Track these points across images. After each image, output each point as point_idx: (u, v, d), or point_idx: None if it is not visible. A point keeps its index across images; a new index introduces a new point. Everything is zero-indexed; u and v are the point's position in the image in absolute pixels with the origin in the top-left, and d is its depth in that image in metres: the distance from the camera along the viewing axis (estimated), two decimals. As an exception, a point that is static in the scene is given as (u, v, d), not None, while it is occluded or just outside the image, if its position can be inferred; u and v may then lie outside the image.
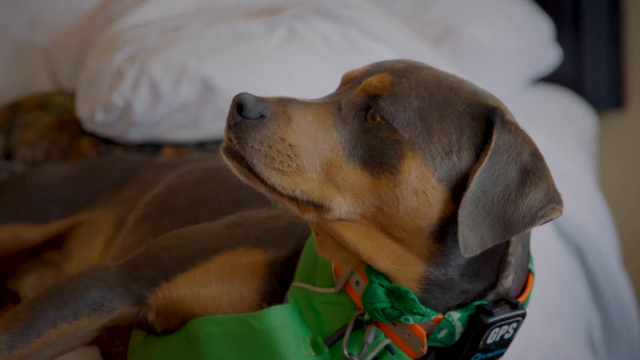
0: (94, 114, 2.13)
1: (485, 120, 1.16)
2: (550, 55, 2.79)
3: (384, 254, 1.17)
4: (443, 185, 1.14)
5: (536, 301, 1.92)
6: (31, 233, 1.56)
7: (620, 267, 2.46)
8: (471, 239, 1.09)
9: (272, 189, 1.18)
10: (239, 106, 1.20)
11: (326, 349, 1.22)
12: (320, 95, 2.01)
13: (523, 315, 1.19)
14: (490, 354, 1.20)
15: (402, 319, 1.16)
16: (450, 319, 1.17)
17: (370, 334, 1.18)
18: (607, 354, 2.42)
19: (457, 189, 1.15)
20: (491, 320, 1.16)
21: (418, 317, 1.16)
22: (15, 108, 2.35)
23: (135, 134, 2.14)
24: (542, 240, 2.19)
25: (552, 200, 1.14)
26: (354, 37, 2.16)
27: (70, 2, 2.77)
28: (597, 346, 2.36)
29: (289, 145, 1.17)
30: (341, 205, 1.17)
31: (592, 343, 2.32)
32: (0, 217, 1.72)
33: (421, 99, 1.18)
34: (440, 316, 1.17)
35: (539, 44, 2.75)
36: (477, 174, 1.11)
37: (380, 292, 1.16)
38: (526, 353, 1.86)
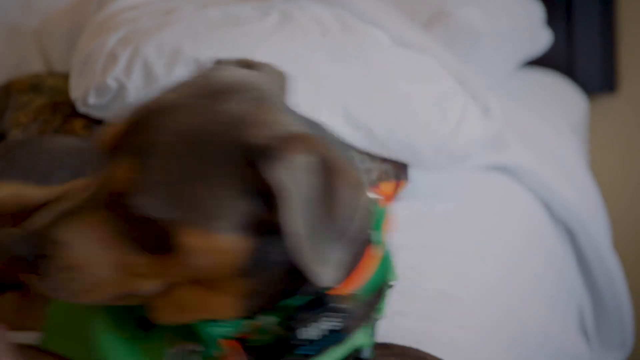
0: (87, 95, 2.14)
1: (248, 158, 1.09)
2: (541, 39, 2.80)
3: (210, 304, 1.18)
4: (233, 235, 1.10)
5: (526, 284, 1.95)
6: (33, 192, 1.53)
7: (612, 249, 2.47)
8: (327, 271, 1.06)
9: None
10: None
11: None
12: (314, 79, 2.04)
13: (334, 310, 1.16)
14: (321, 344, 1.18)
15: None
16: (267, 322, 1.17)
17: None
18: (597, 335, 2.43)
19: (260, 224, 1.10)
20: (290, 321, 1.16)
21: None
22: (8, 89, 2.36)
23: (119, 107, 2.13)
24: (534, 222, 2.25)
25: (357, 187, 1.12)
26: (348, 21, 2.16)
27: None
28: (588, 327, 2.37)
29: (76, 269, 1.15)
30: (151, 286, 1.16)
31: (583, 324, 2.34)
32: (7, 174, 1.71)
33: (167, 169, 1.11)
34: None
35: (530, 27, 2.75)
36: (291, 216, 1.05)
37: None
38: (517, 335, 1.89)
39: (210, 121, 1.11)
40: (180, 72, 2.07)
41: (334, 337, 1.17)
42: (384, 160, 2.14)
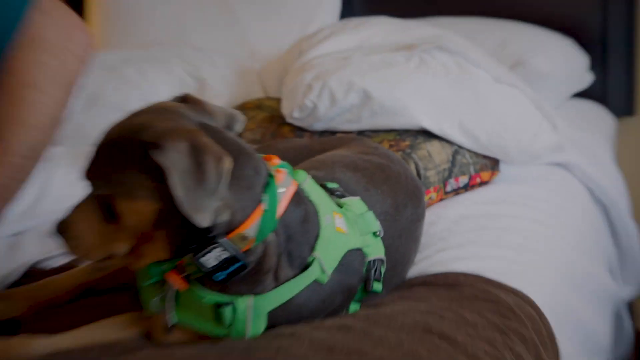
0: (292, 112, 2.14)
1: (144, 150, 1.11)
2: (586, 79, 2.74)
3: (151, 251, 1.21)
4: (143, 201, 1.14)
5: (576, 240, 1.91)
6: None
7: (631, 218, 2.44)
8: (201, 216, 1.08)
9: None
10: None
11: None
12: (439, 103, 2.05)
13: (217, 242, 1.15)
14: (229, 270, 1.17)
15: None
16: (186, 260, 1.18)
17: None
18: (620, 275, 2.38)
19: (159, 192, 1.13)
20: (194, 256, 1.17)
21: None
22: (242, 108, 2.36)
23: (318, 125, 2.14)
24: (581, 201, 2.21)
25: (219, 158, 1.10)
26: (463, 65, 2.13)
27: (275, 43, 2.78)
28: (613, 269, 2.32)
29: (77, 239, 1.20)
30: (120, 248, 1.20)
31: (611, 267, 2.29)
32: None
33: (101, 163, 1.17)
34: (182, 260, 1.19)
35: (579, 71, 2.69)
36: (173, 184, 1.08)
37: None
38: (571, 273, 1.84)
39: (124, 129, 1.16)
40: (353, 98, 2.07)
41: (232, 262, 1.16)
42: (485, 157, 2.11)
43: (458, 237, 1.75)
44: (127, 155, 1.14)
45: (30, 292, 1.48)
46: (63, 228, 1.20)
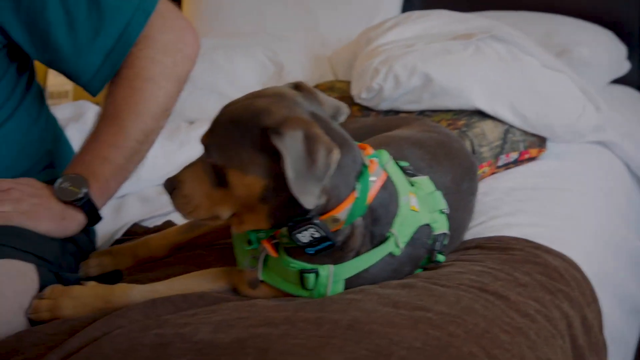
0: (361, 93, 2.12)
1: (264, 133, 1.10)
2: (624, 67, 2.66)
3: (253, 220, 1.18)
4: (254, 176, 1.12)
5: (614, 210, 1.88)
6: None
7: None
8: (307, 198, 1.06)
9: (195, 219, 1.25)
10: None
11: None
12: (493, 87, 2.01)
13: (313, 223, 1.14)
14: (319, 247, 1.16)
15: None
16: (282, 232, 1.16)
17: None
18: None
19: (270, 171, 1.12)
20: (290, 230, 1.15)
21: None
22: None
23: (384, 105, 2.12)
24: (619, 175, 2.17)
25: (330, 150, 1.08)
26: (515, 52, 2.10)
27: (344, 32, 2.75)
28: None
29: (186, 196, 1.18)
30: (224, 212, 1.17)
31: None
32: None
33: (222, 135, 1.15)
34: (277, 231, 1.18)
35: (618, 60, 2.62)
36: (286, 167, 1.06)
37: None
38: (609, 237, 1.81)
39: (246, 111, 1.14)
40: (415, 80, 2.05)
41: (323, 241, 1.15)
42: (533, 135, 2.07)
43: (508, 206, 1.71)
44: (247, 135, 1.12)
45: (131, 249, 1.51)
46: (173, 185, 1.19)
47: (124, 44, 1.41)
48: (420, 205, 1.27)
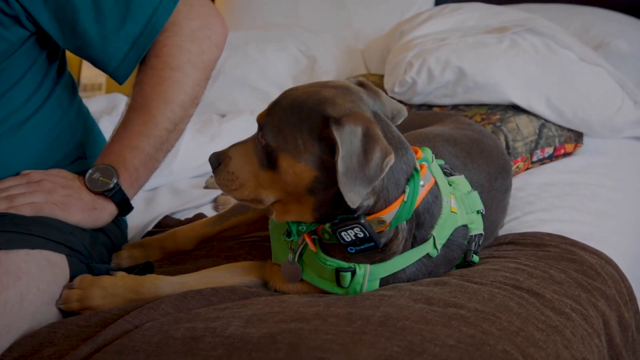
0: (394, 87, 2.12)
1: (325, 122, 1.09)
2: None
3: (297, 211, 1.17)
4: (306, 165, 1.10)
5: None
6: None
7: None
8: (352, 197, 1.05)
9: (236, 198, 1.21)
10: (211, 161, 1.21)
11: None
12: (528, 80, 1.98)
13: (359, 223, 1.12)
14: (361, 247, 1.14)
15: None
16: (325, 227, 1.14)
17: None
18: None
19: (322, 163, 1.11)
20: (334, 227, 1.14)
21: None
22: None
23: (417, 99, 2.11)
24: None
25: (386, 154, 1.07)
26: (551, 46, 2.08)
27: (376, 25, 2.74)
28: None
29: (232, 173, 1.17)
30: (268, 195, 1.15)
31: None
32: None
33: (280, 117, 1.13)
34: (320, 226, 1.16)
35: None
36: (339, 159, 1.04)
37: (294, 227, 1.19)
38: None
39: (310, 97, 1.12)
40: (449, 74, 2.04)
41: (366, 241, 1.14)
42: (569, 130, 2.05)
43: (543, 202, 1.70)
44: (307, 121, 1.11)
45: (159, 241, 1.52)
46: (219, 160, 1.19)
47: (151, 31, 1.40)
48: (458, 207, 1.26)
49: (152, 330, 1.06)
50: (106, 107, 2.25)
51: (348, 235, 1.13)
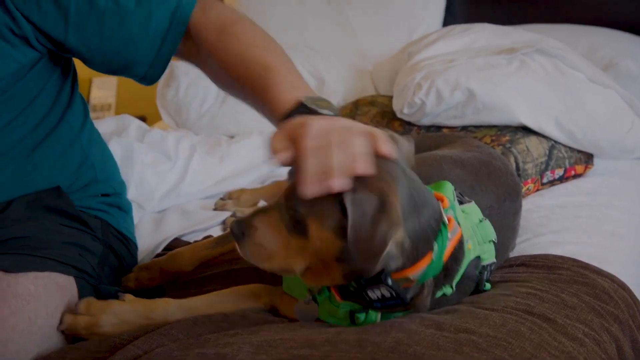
0: (402, 108, 2.12)
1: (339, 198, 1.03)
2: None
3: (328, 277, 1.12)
4: (332, 233, 1.05)
5: None
6: None
7: None
8: (366, 269, 1.03)
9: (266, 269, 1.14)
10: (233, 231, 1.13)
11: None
12: (538, 101, 1.97)
13: (386, 284, 1.08)
14: (387, 303, 1.11)
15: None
16: (351, 284, 1.11)
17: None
18: None
19: (341, 232, 1.04)
20: (360, 286, 1.10)
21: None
22: (356, 104, 2.35)
23: (425, 121, 2.11)
24: None
25: (392, 226, 1.02)
26: (560, 67, 2.08)
27: (384, 46, 2.74)
28: None
29: (260, 244, 1.10)
30: (299, 265, 1.10)
31: None
32: None
33: None
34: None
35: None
36: (348, 227, 1.00)
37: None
38: None
39: None
40: (458, 96, 2.04)
41: (391, 300, 1.10)
42: (579, 151, 2.05)
43: (554, 224, 1.69)
44: (328, 198, 1.05)
45: (159, 263, 1.51)
46: (243, 230, 1.12)
47: (178, 23, 1.34)
48: (471, 239, 1.24)
49: (161, 356, 1.06)
50: (116, 129, 2.25)
51: (374, 294, 1.10)
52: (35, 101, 1.39)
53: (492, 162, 1.52)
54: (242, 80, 1.24)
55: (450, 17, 2.85)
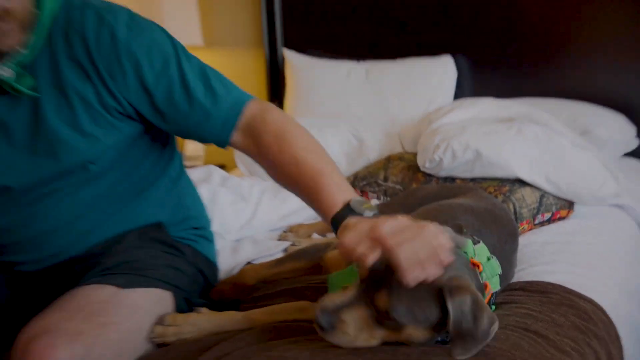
0: (425, 163, 2.09)
1: (439, 294, 0.98)
2: (634, 143, 2.55)
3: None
4: (425, 329, 1.00)
5: (630, 260, 1.81)
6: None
7: None
8: (463, 355, 0.96)
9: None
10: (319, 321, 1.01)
11: None
12: (531, 161, 1.92)
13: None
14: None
15: None
16: None
17: None
18: None
19: (434, 326, 1.00)
20: None
21: None
22: (388, 159, 2.33)
23: (442, 173, 2.09)
24: (630, 229, 2.05)
25: (493, 321, 0.98)
26: (549, 133, 2.05)
27: (409, 115, 2.71)
28: None
29: (349, 334, 1.00)
30: (378, 342, 1.04)
31: None
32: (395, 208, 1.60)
33: (406, 296, 0.98)
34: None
35: (628, 138, 2.51)
36: (450, 324, 0.95)
37: None
38: (624, 286, 1.69)
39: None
40: (468, 155, 2.01)
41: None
42: (564, 199, 2.01)
43: (545, 257, 1.65)
44: (425, 295, 0.99)
45: (234, 278, 1.51)
46: (334, 323, 1.01)
47: (236, 114, 1.27)
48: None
49: (237, 357, 1.05)
50: (203, 177, 2.26)
51: None
52: (145, 158, 1.39)
53: (496, 210, 1.50)
54: (295, 178, 1.17)
55: (460, 92, 2.81)
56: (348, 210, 1.07)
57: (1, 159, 1.22)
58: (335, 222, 1.07)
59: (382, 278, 0.98)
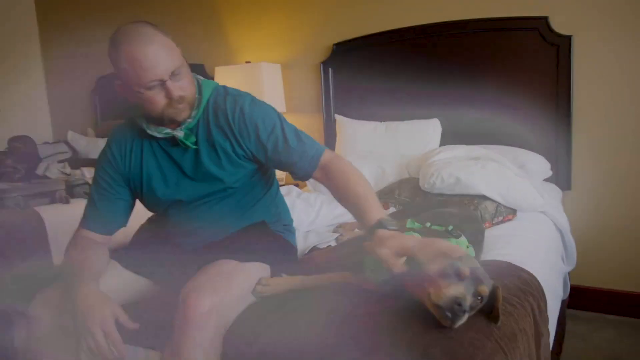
0: (424, 185, 2.08)
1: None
2: (549, 173, 2.49)
3: None
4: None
5: (549, 245, 1.78)
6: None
7: (571, 236, 2.20)
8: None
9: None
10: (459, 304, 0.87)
11: None
12: (490, 183, 1.91)
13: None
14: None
15: None
16: None
17: None
18: (565, 261, 2.14)
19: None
20: None
21: None
22: (401, 181, 2.29)
23: (435, 191, 2.05)
24: (550, 229, 2.01)
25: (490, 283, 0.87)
26: (502, 167, 2.03)
27: (413, 152, 2.64)
28: (563, 258, 2.11)
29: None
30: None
31: (562, 257, 2.08)
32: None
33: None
34: None
35: (547, 169, 2.44)
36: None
37: None
38: (546, 261, 1.69)
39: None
40: (452, 180, 1.99)
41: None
42: (510, 208, 1.99)
43: (499, 244, 1.65)
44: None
45: (307, 256, 1.49)
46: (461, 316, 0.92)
47: (317, 155, 1.26)
48: None
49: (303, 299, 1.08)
50: (286, 192, 2.24)
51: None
52: (257, 183, 1.36)
53: (470, 215, 1.52)
54: (345, 197, 1.16)
55: (444, 140, 2.78)
56: (379, 224, 1.06)
57: (178, 183, 1.25)
58: (371, 230, 1.07)
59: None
